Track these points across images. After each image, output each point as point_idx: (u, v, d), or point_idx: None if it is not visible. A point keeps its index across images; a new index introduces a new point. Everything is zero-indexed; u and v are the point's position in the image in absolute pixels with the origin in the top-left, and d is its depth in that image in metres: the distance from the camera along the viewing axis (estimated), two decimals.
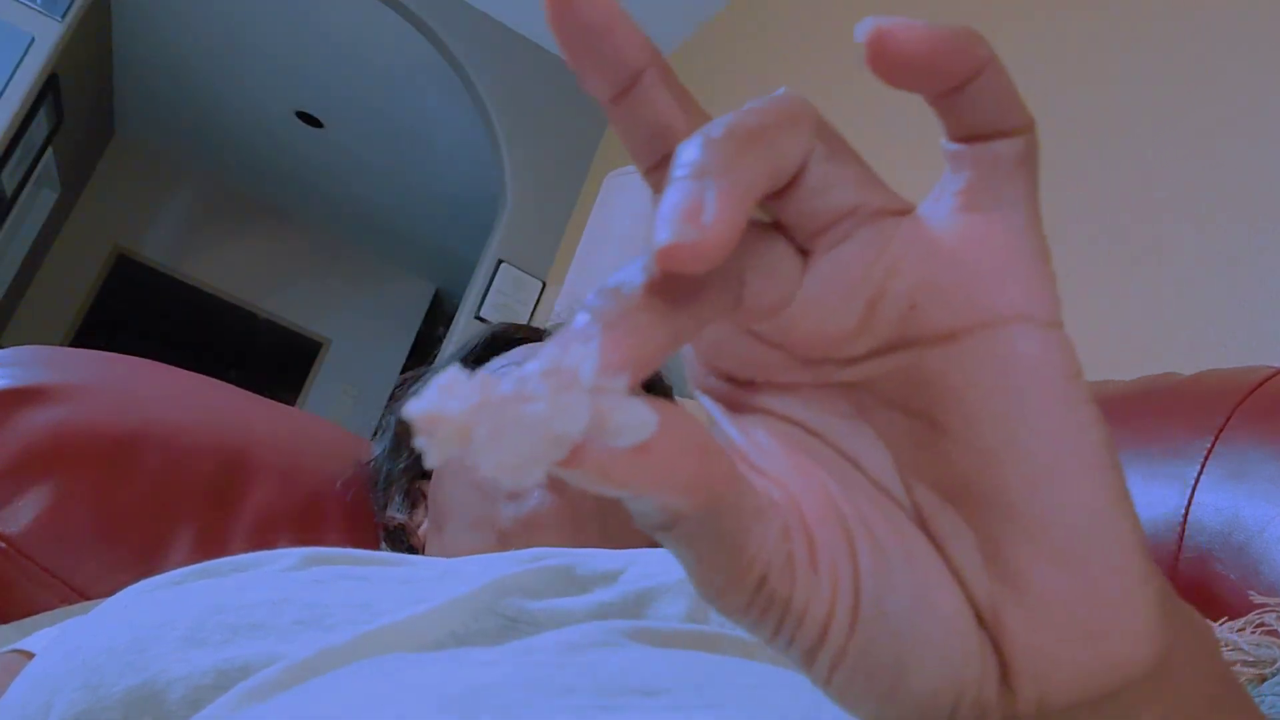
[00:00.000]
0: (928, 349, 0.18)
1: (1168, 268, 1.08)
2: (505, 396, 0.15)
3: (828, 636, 0.18)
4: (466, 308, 3.10)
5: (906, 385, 0.19)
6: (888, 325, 0.18)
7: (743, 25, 2.68)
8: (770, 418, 0.20)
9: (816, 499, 0.18)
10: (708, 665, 0.28)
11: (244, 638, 0.34)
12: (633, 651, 0.30)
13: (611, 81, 0.18)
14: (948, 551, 0.18)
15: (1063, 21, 1.44)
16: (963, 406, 0.18)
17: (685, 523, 0.17)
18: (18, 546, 0.66)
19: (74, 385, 0.73)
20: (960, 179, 0.19)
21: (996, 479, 0.18)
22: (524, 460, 0.15)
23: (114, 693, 0.32)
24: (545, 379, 0.15)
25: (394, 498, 0.70)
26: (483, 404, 0.15)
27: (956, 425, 0.18)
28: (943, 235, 0.18)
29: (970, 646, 0.18)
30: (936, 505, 0.19)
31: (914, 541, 0.19)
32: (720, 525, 0.17)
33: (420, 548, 0.66)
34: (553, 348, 0.15)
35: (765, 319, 0.18)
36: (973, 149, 0.19)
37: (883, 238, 0.18)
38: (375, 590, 0.39)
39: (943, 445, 0.18)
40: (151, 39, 4.39)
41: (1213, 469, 0.58)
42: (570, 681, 0.25)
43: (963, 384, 0.18)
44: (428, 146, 4.53)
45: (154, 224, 5.70)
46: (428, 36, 3.27)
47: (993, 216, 0.18)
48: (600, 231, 1.31)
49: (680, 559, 0.18)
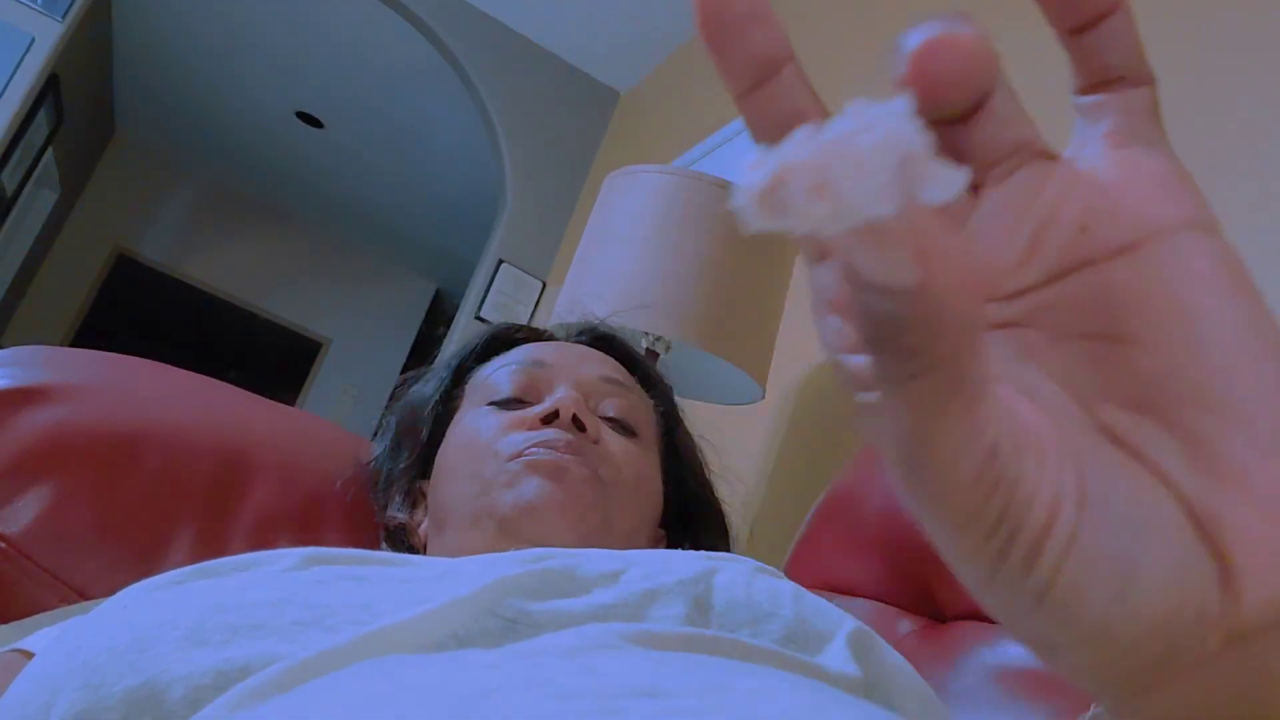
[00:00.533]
0: (1105, 264, 0.19)
1: None
2: (848, 131, 0.15)
3: (1056, 523, 0.17)
4: (466, 308, 3.10)
5: (1082, 306, 0.19)
6: (1057, 251, 0.20)
7: None
8: None
9: (1024, 407, 0.19)
10: (709, 668, 0.28)
11: (244, 638, 0.34)
12: (633, 655, 0.30)
13: (756, 71, 0.20)
14: (1151, 460, 0.19)
15: None
16: (1148, 311, 0.19)
17: (946, 336, 0.16)
18: (17, 546, 0.66)
19: (74, 385, 0.73)
20: (1104, 124, 0.21)
21: (1194, 373, 0.18)
22: (884, 186, 0.15)
23: (114, 692, 0.32)
24: (873, 112, 0.16)
25: (394, 498, 0.70)
26: (833, 141, 0.15)
27: (1143, 332, 0.19)
28: (1099, 169, 0.20)
29: (1194, 550, 0.18)
30: (1129, 421, 0.19)
31: (1118, 452, 0.19)
32: (965, 367, 0.17)
33: (421, 547, 0.66)
34: (859, 106, 0.16)
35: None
36: (1114, 97, 0.21)
37: (1045, 173, 0.20)
38: (376, 590, 0.39)
39: (1129, 358, 0.19)
40: (151, 39, 4.39)
41: None
42: (571, 685, 0.25)
43: (1145, 289, 0.19)
44: (428, 146, 4.53)
45: (154, 224, 5.70)
46: (428, 36, 3.27)
47: (1141, 151, 0.20)
48: (600, 231, 1.31)
49: (905, 420, 0.17)
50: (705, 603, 0.41)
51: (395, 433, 0.73)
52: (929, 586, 0.75)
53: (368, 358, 6.05)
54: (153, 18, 4.20)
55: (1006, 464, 0.17)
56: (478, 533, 0.57)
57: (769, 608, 0.42)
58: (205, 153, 5.49)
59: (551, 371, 0.66)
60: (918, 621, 0.76)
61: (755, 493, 1.57)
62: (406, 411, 0.73)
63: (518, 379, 0.66)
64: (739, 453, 1.60)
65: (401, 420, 0.73)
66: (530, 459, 0.57)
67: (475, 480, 0.59)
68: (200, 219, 5.80)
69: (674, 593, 0.41)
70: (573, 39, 3.30)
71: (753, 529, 1.50)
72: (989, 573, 0.18)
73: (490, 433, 0.61)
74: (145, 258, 5.66)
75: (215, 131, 5.17)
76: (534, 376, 0.66)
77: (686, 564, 0.44)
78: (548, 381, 0.65)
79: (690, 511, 0.71)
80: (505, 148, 3.20)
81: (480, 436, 0.61)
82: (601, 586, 0.41)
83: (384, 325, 6.15)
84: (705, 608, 0.41)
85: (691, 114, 2.73)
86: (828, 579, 0.84)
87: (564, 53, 3.37)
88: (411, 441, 0.70)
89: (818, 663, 0.38)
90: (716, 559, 0.45)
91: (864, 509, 0.83)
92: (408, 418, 0.72)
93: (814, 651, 0.40)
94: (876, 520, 0.81)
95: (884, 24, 1.97)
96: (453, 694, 0.25)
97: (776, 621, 0.41)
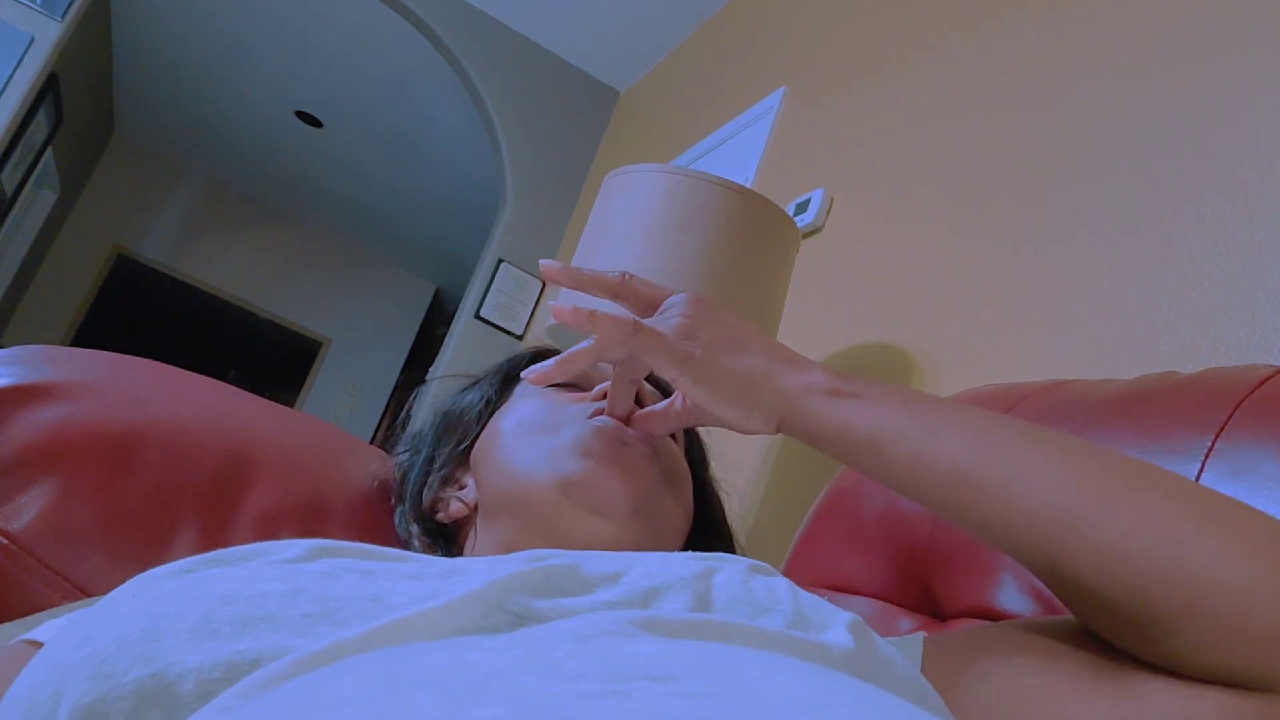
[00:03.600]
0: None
1: (1168, 267, 1.08)
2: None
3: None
4: (466, 308, 3.10)
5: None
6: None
7: (743, 25, 2.68)
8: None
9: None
10: (718, 654, 0.29)
11: (255, 630, 0.34)
12: (643, 641, 0.30)
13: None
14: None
15: (1064, 14, 1.44)
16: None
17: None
18: (20, 543, 0.66)
19: (77, 383, 0.73)
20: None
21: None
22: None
23: (125, 683, 0.32)
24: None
25: (433, 485, 0.70)
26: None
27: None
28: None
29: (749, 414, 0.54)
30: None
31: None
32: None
33: (454, 527, 0.68)
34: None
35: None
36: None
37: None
38: (384, 584, 0.39)
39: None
40: (151, 39, 4.39)
41: (1213, 468, 0.58)
42: (580, 668, 0.26)
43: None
44: (428, 146, 4.53)
45: (153, 224, 5.70)
46: (428, 36, 3.27)
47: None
48: (600, 230, 1.32)
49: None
50: (706, 598, 0.42)
51: (435, 432, 0.74)
52: (929, 585, 0.75)
53: (368, 358, 6.06)
54: (152, 17, 4.20)
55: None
56: (536, 504, 0.58)
57: (767, 603, 0.43)
58: (205, 153, 5.49)
59: (603, 373, 0.70)
60: (918, 620, 0.76)
61: (755, 491, 1.58)
62: (447, 411, 0.74)
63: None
64: (739, 452, 1.60)
65: (441, 420, 0.74)
66: (599, 425, 0.60)
67: (542, 446, 0.60)
68: (200, 219, 5.80)
69: (676, 589, 0.42)
70: (573, 39, 3.30)
71: (752, 529, 1.50)
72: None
73: (554, 406, 0.64)
74: (145, 257, 5.65)
75: (215, 131, 5.17)
76: (587, 372, 0.69)
77: (686, 565, 0.45)
78: (601, 376, 0.69)
79: (705, 530, 0.73)
80: (505, 148, 3.20)
81: (542, 410, 0.64)
82: (605, 585, 0.42)
83: (384, 325, 6.15)
84: (707, 603, 0.42)
85: (691, 113, 2.73)
86: (828, 577, 0.84)
87: (564, 53, 3.38)
88: (456, 437, 0.71)
89: (822, 640, 0.38)
90: (713, 559, 0.46)
91: (864, 508, 0.83)
92: (449, 416, 0.73)
93: (817, 634, 0.41)
94: (876, 519, 0.81)
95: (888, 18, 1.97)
96: (462, 676, 0.25)
97: (777, 614, 0.42)
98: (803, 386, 0.52)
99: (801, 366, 0.53)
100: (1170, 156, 1.15)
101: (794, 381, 0.52)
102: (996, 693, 0.46)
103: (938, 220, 1.51)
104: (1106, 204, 1.21)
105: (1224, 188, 1.07)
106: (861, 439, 0.49)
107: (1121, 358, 1.09)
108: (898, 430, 0.49)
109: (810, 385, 0.52)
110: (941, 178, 1.56)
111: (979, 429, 0.48)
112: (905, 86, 1.76)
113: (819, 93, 2.09)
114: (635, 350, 0.52)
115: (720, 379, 0.53)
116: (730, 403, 0.53)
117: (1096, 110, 1.30)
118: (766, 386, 0.53)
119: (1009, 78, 1.51)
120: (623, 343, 0.52)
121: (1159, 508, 0.42)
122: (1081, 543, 0.43)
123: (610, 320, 0.52)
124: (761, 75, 2.41)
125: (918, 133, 1.66)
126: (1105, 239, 1.19)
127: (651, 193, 1.28)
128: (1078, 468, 0.45)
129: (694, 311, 0.55)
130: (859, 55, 1.99)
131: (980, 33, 1.63)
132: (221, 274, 5.81)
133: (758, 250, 1.27)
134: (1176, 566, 0.40)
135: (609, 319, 0.52)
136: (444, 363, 3.05)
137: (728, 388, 0.53)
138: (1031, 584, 0.66)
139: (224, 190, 5.86)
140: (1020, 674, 0.46)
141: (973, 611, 0.70)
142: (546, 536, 0.58)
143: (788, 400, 0.52)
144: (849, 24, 2.11)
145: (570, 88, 3.39)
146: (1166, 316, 1.06)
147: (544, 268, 0.56)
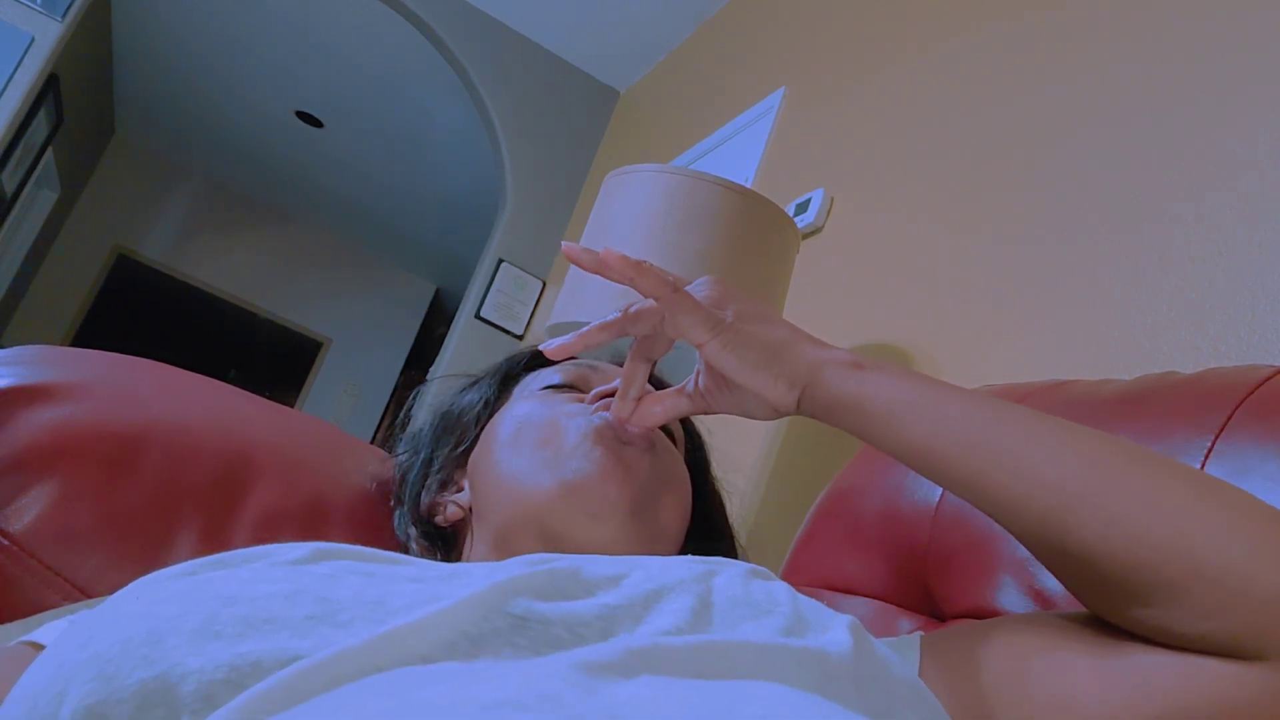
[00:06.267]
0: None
1: (1168, 267, 1.08)
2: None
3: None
4: (466, 307, 3.10)
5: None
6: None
7: (743, 25, 2.68)
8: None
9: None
10: (715, 697, 0.29)
11: (257, 631, 0.34)
12: (643, 686, 0.31)
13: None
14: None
15: (1063, 14, 1.44)
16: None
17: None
18: (21, 544, 0.66)
19: (78, 384, 0.73)
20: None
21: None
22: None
23: (128, 685, 0.32)
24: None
25: (430, 487, 0.70)
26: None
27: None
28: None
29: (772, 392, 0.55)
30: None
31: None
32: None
33: (450, 530, 0.68)
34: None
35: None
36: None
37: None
38: (386, 587, 0.39)
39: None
40: (151, 39, 4.39)
41: (1213, 468, 0.59)
42: (583, 714, 0.26)
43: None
44: (428, 146, 4.53)
45: (154, 224, 5.70)
46: (428, 36, 3.27)
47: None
48: (600, 230, 1.32)
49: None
50: (707, 600, 0.42)
51: (433, 433, 0.74)
52: (929, 585, 0.75)
53: (368, 358, 6.06)
54: (152, 17, 4.20)
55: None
56: (534, 507, 0.58)
57: (767, 605, 0.43)
58: (205, 153, 5.49)
59: (602, 375, 0.70)
60: (917, 620, 0.76)
61: (755, 492, 1.58)
62: (445, 411, 0.75)
63: (570, 373, 0.70)
64: (739, 453, 1.60)
65: (440, 421, 0.74)
66: (599, 424, 0.60)
67: (539, 448, 0.60)
68: (200, 219, 5.80)
69: (677, 590, 0.42)
70: (573, 39, 3.30)
71: (752, 530, 1.50)
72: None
73: (552, 408, 0.64)
74: (145, 257, 5.65)
75: (215, 131, 5.17)
76: (586, 375, 0.70)
77: (686, 567, 0.45)
78: (601, 379, 0.70)
79: (706, 534, 0.73)
80: (505, 148, 3.20)
81: (541, 411, 0.64)
82: (606, 588, 0.42)
83: (384, 325, 6.15)
84: (708, 605, 0.42)
85: (691, 113, 2.73)
86: (828, 578, 0.84)
87: (564, 53, 3.38)
88: (454, 439, 0.71)
89: (821, 646, 0.39)
90: (712, 563, 0.47)
91: (864, 509, 0.83)
92: (448, 417, 0.74)
93: (816, 638, 0.41)
94: (876, 520, 0.81)
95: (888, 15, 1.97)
96: (460, 713, 0.25)
97: (776, 615, 0.42)
98: (827, 358, 0.54)
99: (823, 344, 0.56)
100: (1170, 156, 1.15)
101: (819, 354, 0.55)
102: (996, 679, 0.47)
103: (938, 220, 1.52)
104: (1106, 204, 1.21)
105: (1224, 188, 1.07)
106: (882, 410, 0.51)
107: (1121, 358, 1.09)
108: (915, 403, 0.51)
109: (834, 358, 0.54)
110: (941, 178, 1.56)
111: (992, 405, 0.50)
112: (905, 86, 1.76)
113: (819, 93, 2.09)
114: (670, 309, 0.54)
115: (749, 345, 0.54)
116: (758, 368, 0.54)
117: (1097, 110, 1.30)
118: (793, 355, 0.55)
119: (1009, 78, 1.51)
120: (662, 296, 0.54)
121: (1165, 481, 0.44)
122: (1090, 511, 0.44)
123: (655, 271, 0.54)
124: (761, 75, 2.41)
125: (918, 133, 1.66)
126: (1105, 239, 1.19)
127: (652, 193, 1.28)
128: (1085, 444, 0.47)
129: (721, 288, 0.57)
130: (859, 55, 1.99)
131: (980, 33, 1.63)
132: (221, 274, 5.81)
133: (758, 250, 1.27)
134: (1182, 534, 0.42)
135: (654, 269, 0.54)
136: (444, 363, 3.05)
137: (756, 354, 0.54)
138: (1031, 585, 0.66)
139: (224, 190, 5.86)
140: (1019, 658, 0.47)
141: (972, 612, 0.70)
142: (543, 539, 0.58)
143: (812, 370, 0.54)
144: (849, 24, 2.11)
145: (570, 88, 3.39)
146: (1166, 316, 1.06)
147: (565, 249, 0.57)
